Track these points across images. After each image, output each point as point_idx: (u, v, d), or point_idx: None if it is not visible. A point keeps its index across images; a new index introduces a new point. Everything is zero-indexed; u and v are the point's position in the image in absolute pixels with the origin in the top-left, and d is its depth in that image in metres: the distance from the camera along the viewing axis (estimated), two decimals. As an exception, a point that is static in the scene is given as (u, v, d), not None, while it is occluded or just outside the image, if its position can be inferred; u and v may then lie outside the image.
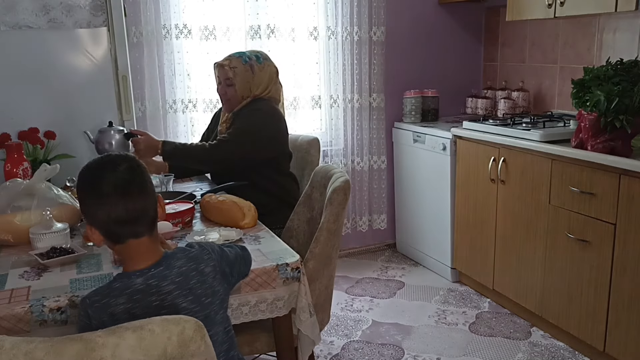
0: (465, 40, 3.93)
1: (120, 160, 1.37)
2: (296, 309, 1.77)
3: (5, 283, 1.63)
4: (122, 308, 1.31)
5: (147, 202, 1.37)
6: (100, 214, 1.33)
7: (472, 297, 3.27)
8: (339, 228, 1.99)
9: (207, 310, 1.39)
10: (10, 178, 2.23)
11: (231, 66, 2.47)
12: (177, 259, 1.40)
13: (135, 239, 1.35)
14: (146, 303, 1.32)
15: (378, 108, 3.72)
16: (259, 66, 2.50)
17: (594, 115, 2.42)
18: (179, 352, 1.13)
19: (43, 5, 2.64)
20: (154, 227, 1.39)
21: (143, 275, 1.34)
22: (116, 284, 1.35)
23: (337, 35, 3.55)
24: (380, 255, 3.95)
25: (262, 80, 2.50)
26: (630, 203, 2.29)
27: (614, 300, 2.42)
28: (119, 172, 1.35)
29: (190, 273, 1.39)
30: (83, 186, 1.37)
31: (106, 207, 1.32)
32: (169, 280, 1.36)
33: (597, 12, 2.71)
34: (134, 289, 1.33)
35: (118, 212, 1.32)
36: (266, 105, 2.50)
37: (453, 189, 3.33)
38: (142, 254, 1.37)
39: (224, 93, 2.52)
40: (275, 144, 2.50)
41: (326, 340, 2.84)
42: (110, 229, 1.35)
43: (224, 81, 2.50)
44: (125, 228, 1.34)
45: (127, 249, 1.36)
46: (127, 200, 1.33)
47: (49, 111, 2.66)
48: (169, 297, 1.34)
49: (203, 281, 1.41)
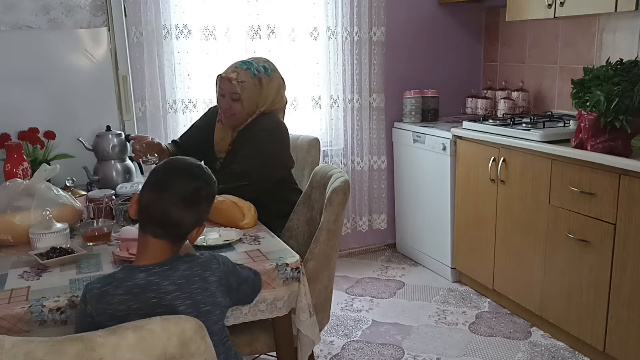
0: (465, 40, 3.93)
1: (204, 177, 1.46)
2: (296, 309, 1.78)
3: (5, 283, 1.63)
4: (120, 299, 1.33)
5: (186, 220, 1.42)
6: (146, 196, 1.41)
7: (472, 297, 3.27)
8: (338, 228, 1.99)
9: (204, 318, 1.36)
10: (10, 178, 2.23)
11: (239, 80, 2.29)
12: (184, 262, 1.42)
13: (153, 238, 1.40)
14: (144, 299, 1.34)
15: (378, 108, 3.72)
16: (267, 79, 2.34)
17: (594, 116, 2.42)
18: (179, 352, 1.14)
19: (43, 5, 2.65)
20: (178, 240, 1.44)
21: (147, 271, 1.37)
22: (119, 274, 1.39)
23: (337, 35, 3.55)
24: (380, 255, 3.95)
25: (269, 94, 2.36)
26: (630, 203, 2.29)
27: (614, 300, 2.42)
28: (191, 183, 1.43)
29: (193, 277, 1.40)
30: (160, 168, 1.47)
31: (154, 195, 1.40)
32: (170, 280, 1.37)
33: (597, 12, 2.71)
34: (134, 283, 1.35)
35: (156, 209, 1.39)
36: (271, 122, 2.36)
37: (453, 189, 3.33)
38: (153, 252, 1.40)
39: (229, 107, 2.32)
40: (282, 166, 2.40)
41: (326, 340, 2.84)
42: (142, 213, 1.42)
43: (229, 95, 2.31)
44: (151, 224, 1.40)
45: (143, 240, 1.42)
46: (171, 207, 1.39)
47: (49, 111, 2.66)
48: (167, 296, 1.35)
49: (205, 288, 1.41)
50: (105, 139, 2.58)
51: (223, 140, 2.42)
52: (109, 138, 2.58)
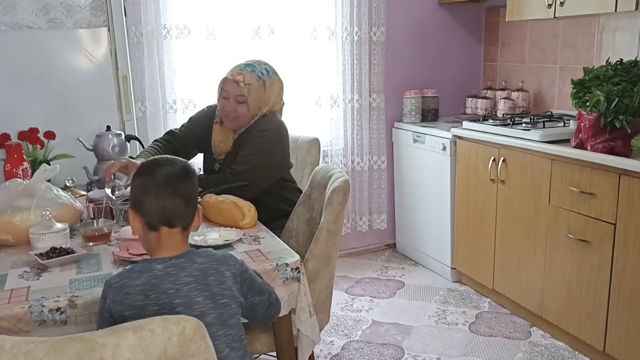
0: (465, 40, 3.93)
1: (177, 161, 1.50)
2: (296, 309, 1.78)
3: (4, 283, 1.63)
4: (139, 289, 1.37)
5: (187, 208, 1.46)
6: (147, 202, 1.42)
7: (472, 297, 3.27)
8: (338, 228, 1.99)
9: (221, 310, 1.42)
10: (10, 178, 2.23)
11: (246, 82, 2.26)
12: (200, 257, 1.47)
13: (168, 228, 1.43)
14: (162, 289, 1.38)
15: (378, 108, 3.72)
16: (269, 81, 2.33)
17: (594, 116, 2.42)
18: (179, 352, 1.13)
19: (43, 5, 2.65)
20: (187, 227, 1.48)
21: (164, 262, 1.42)
22: (137, 267, 1.43)
23: (337, 35, 3.55)
24: (380, 255, 3.95)
25: (271, 96, 2.35)
26: (630, 203, 2.29)
27: (614, 300, 2.41)
28: (175, 168, 1.46)
29: (209, 270, 1.44)
30: (140, 173, 1.48)
31: (153, 195, 1.42)
32: (187, 272, 1.41)
33: (597, 12, 2.71)
34: (152, 274, 1.39)
35: (161, 204, 1.42)
36: (272, 122, 2.35)
37: (453, 189, 3.33)
38: (170, 244, 1.44)
39: (233, 110, 2.29)
40: (283, 166, 2.40)
41: (326, 340, 2.84)
42: (150, 217, 1.43)
43: (234, 97, 2.27)
44: (163, 218, 1.42)
45: (158, 237, 1.44)
46: (174, 196, 1.42)
47: (49, 111, 2.66)
48: (184, 287, 1.39)
49: (222, 281, 1.45)
50: (105, 139, 2.58)
51: (223, 143, 2.40)
52: (109, 138, 2.58)
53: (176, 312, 1.36)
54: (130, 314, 1.35)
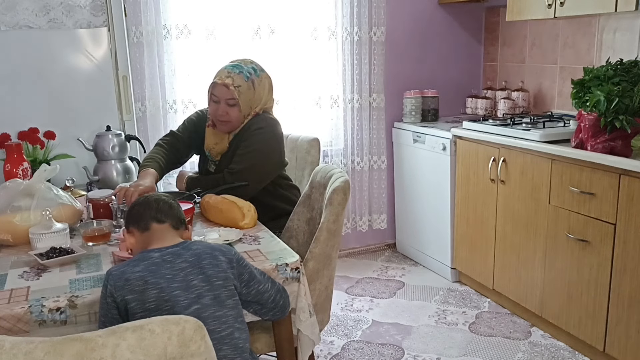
0: (465, 40, 3.93)
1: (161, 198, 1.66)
2: (296, 309, 1.78)
3: (4, 283, 1.63)
4: (138, 275, 1.45)
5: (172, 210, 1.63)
6: (139, 214, 1.59)
7: (472, 297, 3.27)
8: (338, 228, 1.99)
9: (217, 291, 1.50)
10: (10, 178, 2.23)
11: (235, 85, 2.25)
12: (195, 245, 1.58)
13: (158, 224, 1.56)
14: (160, 274, 1.47)
15: (378, 108, 3.72)
16: (257, 80, 2.31)
17: (594, 116, 2.42)
18: (179, 352, 1.13)
19: (43, 5, 2.65)
20: (179, 224, 1.61)
21: (161, 251, 1.52)
22: (136, 257, 1.53)
23: (337, 35, 3.55)
24: (380, 255, 3.95)
25: (261, 95, 2.34)
26: (630, 203, 2.29)
27: (614, 300, 2.42)
28: (160, 206, 1.61)
29: (203, 255, 1.54)
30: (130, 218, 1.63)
31: (144, 208, 1.60)
32: (182, 258, 1.51)
33: (597, 12, 2.71)
34: (150, 262, 1.49)
35: (151, 210, 1.59)
36: (265, 120, 2.34)
37: (453, 189, 3.33)
38: (163, 236, 1.56)
39: (225, 114, 2.28)
40: (279, 164, 2.41)
41: (326, 340, 2.84)
42: (142, 222, 1.58)
43: (224, 101, 2.26)
44: (152, 218, 1.57)
45: (151, 234, 1.56)
46: (161, 203, 1.61)
47: (49, 111, 2.66)
48: (181, 273, 1.49)
49: (216, 265, 1.53)
50: (105, 139, 2.58)
51: (217, 145, 2.38)
52: (109, 138, 2.58)
53: (174, 295, 1.45)
54: (131, 297, 1.43)
